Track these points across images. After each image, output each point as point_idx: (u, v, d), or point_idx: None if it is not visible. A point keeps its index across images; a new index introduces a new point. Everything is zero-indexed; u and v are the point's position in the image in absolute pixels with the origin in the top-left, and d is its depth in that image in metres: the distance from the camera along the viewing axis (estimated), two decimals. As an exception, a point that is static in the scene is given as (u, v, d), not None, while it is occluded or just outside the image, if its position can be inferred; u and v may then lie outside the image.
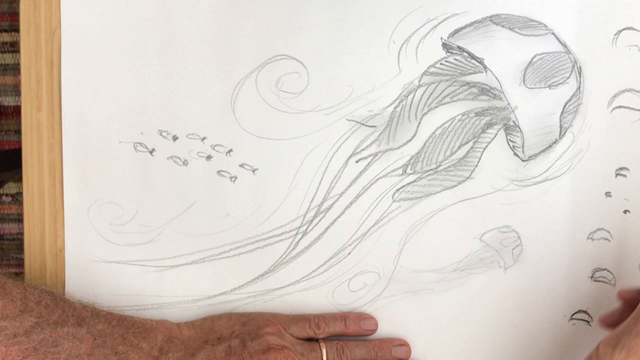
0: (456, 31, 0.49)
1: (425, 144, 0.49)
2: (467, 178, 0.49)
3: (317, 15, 0.49)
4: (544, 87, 0.49)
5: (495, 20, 0.48)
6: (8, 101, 1.14)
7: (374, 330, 0.50)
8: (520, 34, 0.48)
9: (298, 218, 0.49)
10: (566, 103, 0.49)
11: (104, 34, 0.49)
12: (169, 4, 0.49)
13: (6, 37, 1.13)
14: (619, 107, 0.49)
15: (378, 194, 0.49)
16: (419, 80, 0.49)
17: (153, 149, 0.49)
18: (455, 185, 0.49)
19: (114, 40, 0.49)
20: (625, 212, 0.49)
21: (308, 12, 0.49)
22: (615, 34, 0.48)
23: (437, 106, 0.49)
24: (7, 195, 1.16)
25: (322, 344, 0.48)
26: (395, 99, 0.49)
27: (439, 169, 0.49)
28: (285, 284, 0.50)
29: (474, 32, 0.49)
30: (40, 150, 0.49)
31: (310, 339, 0.49)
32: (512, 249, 0.49)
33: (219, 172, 0.49)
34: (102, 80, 0.49)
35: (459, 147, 0.49)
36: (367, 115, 0.49)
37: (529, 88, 0.49)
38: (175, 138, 0.49)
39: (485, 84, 0.49)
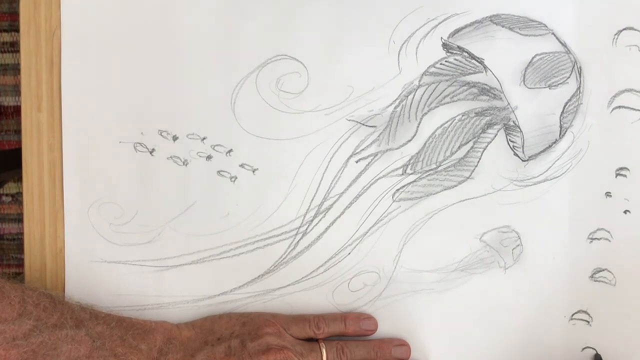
0: (456, 31, 0.49)
1: (425, 144, 0.49)
2: (467, 178, 0.49)
3: (317, 15, 0.49)
4: (544, 87, 0.49)
5: (495, 20, 0.48)
6: (8, 101, 1.14)
7: (374, 330, 0.50)
8: (520, 34, 0.48)
9: (298, 218, 0.49)
10: (566, 103, 0.49)
11: (104, 34, 0.49)
12: (169, 4, 0.49)
13: (6, 37, 1.13)
14: (619, 107, 0.49)
15: (378, 194, 0.49)
16: (419, 80, 0.49)
17: (153, 149, 0.49)
18: (455, 185, 0.49)
19: (114, 40, 0.49)
20: (625, 212, 0.49)
21: (308, 12, 0.49)
22: (615, 34, 0.48)
23: (437, 106, 0.49)
24: (7, 195, 1.16)
25: (322, 344, 0.48)
26: (395, 99, 0.49)
27: (439, 169, 0.49)
28: (285, 284, 0.50)
29: (474, 32, 0.49)
30: (40, 150, 0.49)
31: (310, 339, 0.49)
32: (512, 249, 0.49)
33: (219, 172, 0.49)
34: (102, 81, 0.49)
35: (459, 147, 0.49)
36: (367, 115, 0.49)
37: (529, 88, 0.49)
38: (175, 138, 0.49)
39: (485, 84, 0.49)
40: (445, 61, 0.49)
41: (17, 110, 1.14)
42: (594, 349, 0.50)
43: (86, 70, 0.49)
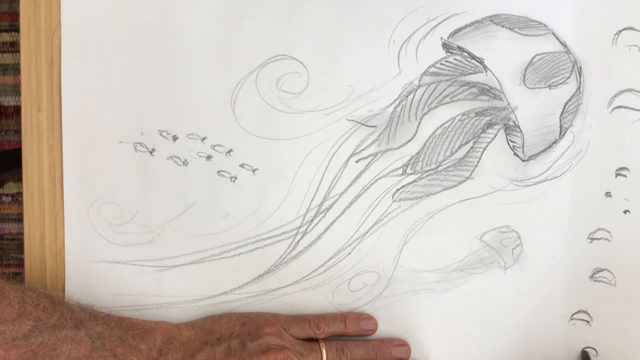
0: (456, 31, 0.49)
1: (425, 144, 0.49)
2: (467, 178, 0.49)
3: (317, 15, 0.49)
4: (544, 87, 0.49)
5: (495, 20, 0.48)
6: (8, 101, 1.14)
7: (374, 331, 0.50)
8: (520, 34, 0.48)
9: (298, 218, 0.49)
10: (566, 103, 0.49)
11: (104, 34, 0.49)
12: (169, 4, 0.49)
13: (6, 37, 1.13)
14: (619, 107, 0.49)
15: (378, 194, 0.49)
16: (419, 80, 0.49)
17: (153, 149, 0.49)
18: (455, 185, 0.49)
19: (114, 40, 0.49)
20: (625, 212, 0.49)
21: (308, 12, 0.49)
22: (615, 34, 0.48)
23: (437, 106, 0.49)
24: (7, 195, 1.16)
25: (322, 344, 0.48)
26: (395, 99, 0.49)
27: (439, 169, 0.49)
28: (285, 284, 0.50)
29: (474, 32, 0.49)
30: (40, 150, 0.49)
31: (310, 339, 0.49)
32: (512, 249, 0.49)
33: (219, 172, 0.49)
34: (102, 81, 0.49)
35: (459, 147, 0.49)
36: (367, 115, 0.49)
37: (529, 88, 0.49)
38: (175, 138, 0.49)
39: (485, 84, 0.49)
40: (445, 61, 0.49)
41: (17, 110, 1.14)
42: (594, 349, 0.50)
43: (86, 70, 0.49)
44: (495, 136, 0.49)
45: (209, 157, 0.49)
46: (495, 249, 0.50)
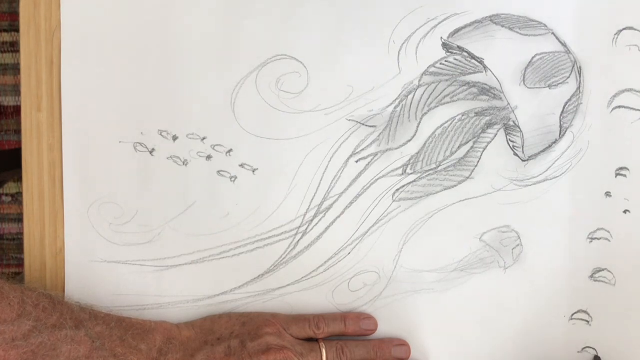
0: (456, 31, 0.49)
1: (425, 144, 0.49)
2: (467, 178, 0.49)
3: (317, 15, 0.49)
4: (544, 87, 0.49)
5: (495, 20, 0.48)
6: (8, 101, 1.14)
7: (374, 330, 0.50)
8: (520, 34, 0.48)
9: (298, 218, 0.49)
10: (566, 103, 0.49)
11: (104, 34, 0.49)
12: (169, 3, 0.49)
13: (6, 37, 1.13)
14: (619, 107, 0.49)
15: (378, 194, 0.49)
16: (419, 80, 0.49)
17: (153, 149, 0.49)
18: (455, 185, 0.49)
19: (114, 40, 0.49)
20: (625, 212, 0.49)
21: (308, 12, 0.49)
22: (615, 34, 0.48)
23: (437, 106, 0.49)
24: (7, 195, 1.16)
25: (322, 344, 0.48)
26: (395, 99, 0.49)
27: (439, 169, 0.49)
28: (285, 284, 0.50)
29: (474, 32, 0.49)
30: (40, 150, 0.49)
31: (310, 339, 0.49)
32: (512, 249, 0.49)
33: (219, 172, 0.49)
34: (102, 81, 0.49)
35: (459, 147, 0.49)
36: (367, 115, 0.49)
37: (529, 88, 0.49)
38: (175, 138, 0.49)
39: (485, 84, 0.49)
40: (445, 61, 0.49)
41: (17, 110, 1.14)
42: (594, 349, 0.50)
43: (86, 70, 0.49)
44: (495, 136, 0.49)
45: (209, 157, 0.49)
46: (495, 249, 0.50)
